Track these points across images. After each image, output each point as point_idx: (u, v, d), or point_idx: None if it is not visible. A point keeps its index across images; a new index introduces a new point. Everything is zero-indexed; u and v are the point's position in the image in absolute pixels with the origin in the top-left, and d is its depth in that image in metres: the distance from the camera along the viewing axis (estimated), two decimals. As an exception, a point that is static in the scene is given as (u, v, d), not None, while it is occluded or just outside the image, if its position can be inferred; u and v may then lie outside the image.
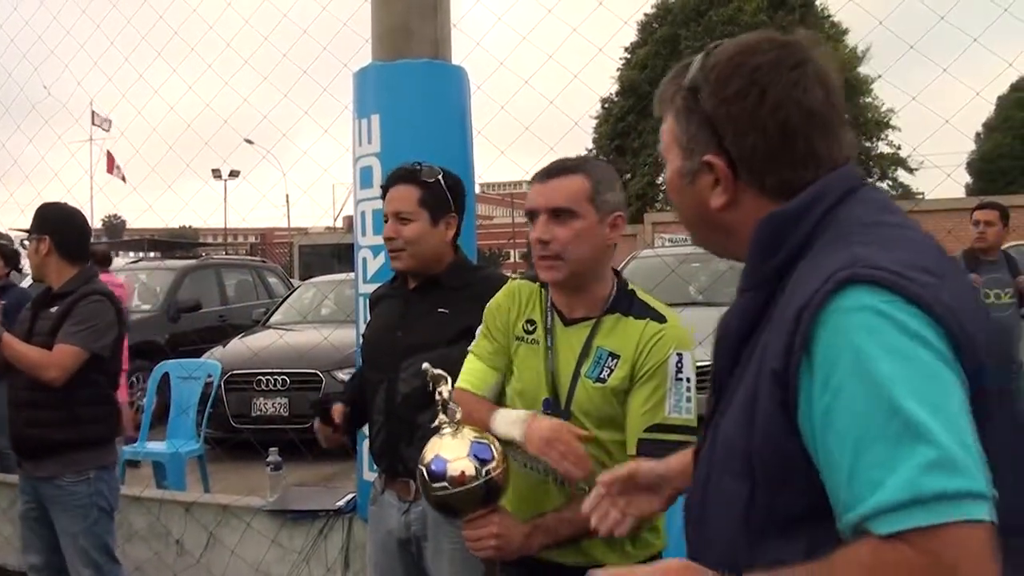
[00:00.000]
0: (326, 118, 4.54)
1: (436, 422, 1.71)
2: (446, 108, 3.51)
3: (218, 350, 7.90)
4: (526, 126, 4.10)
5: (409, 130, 3.39)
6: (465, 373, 2.02)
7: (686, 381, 1.81)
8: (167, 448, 5.64)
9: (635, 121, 32.76)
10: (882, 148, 34.60)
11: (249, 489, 4.66)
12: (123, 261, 14.22)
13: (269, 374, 7.20)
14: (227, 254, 20.57)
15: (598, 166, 1.93)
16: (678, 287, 6.67)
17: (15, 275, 6.28)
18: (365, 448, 3.40)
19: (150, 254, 18.72)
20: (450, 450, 1.65)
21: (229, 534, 4.17)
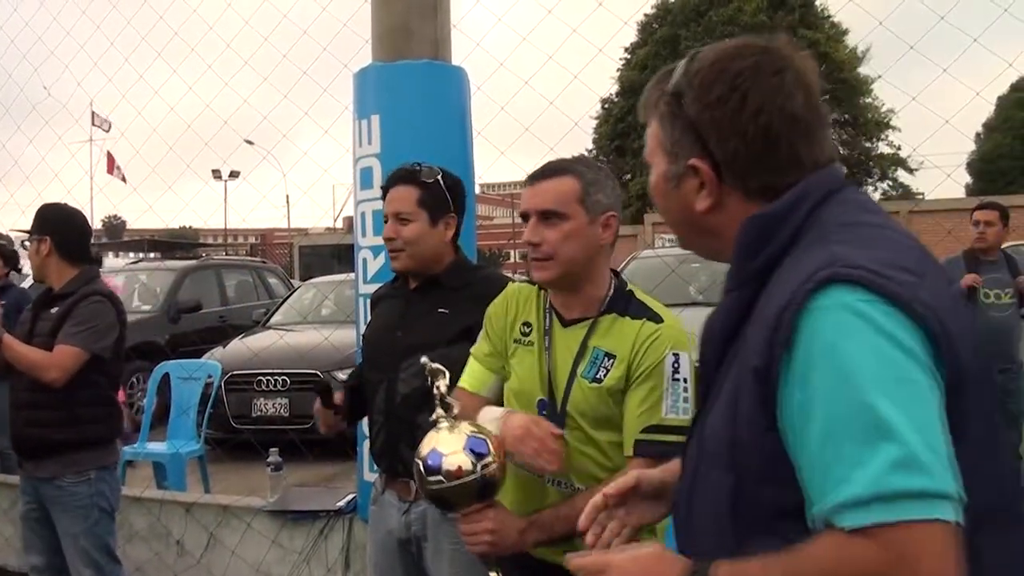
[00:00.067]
0: (326, 119, 4.54)
1: (433, 416, 1.71)
2: (446, 109, 3.51)
3: (218, 351, 7.90)
4: (526, 127, 4.11)
5: (409, 131, 3.39)
6: (465, 374, 2.05)
7: (683, 381, 1.80)
8: (167, 449, 5.64)
9: (635, 122, 32.61)
10: (882, 148, 34.72)
11: (249, 490, 4.66)
12: (123, 262, 14.23)
13: (269, 375, 7.20)
14: (227, 255, 20.57)
15: (590, 167, 1.93)
16: (678, 287, 6.66)
17: (15, 275, 6.27)
18: (365, 449, 3.41)
19: (150, 255, 18.72)
20: (446, 444, 1.66)
21: (229, 534, 4.17)
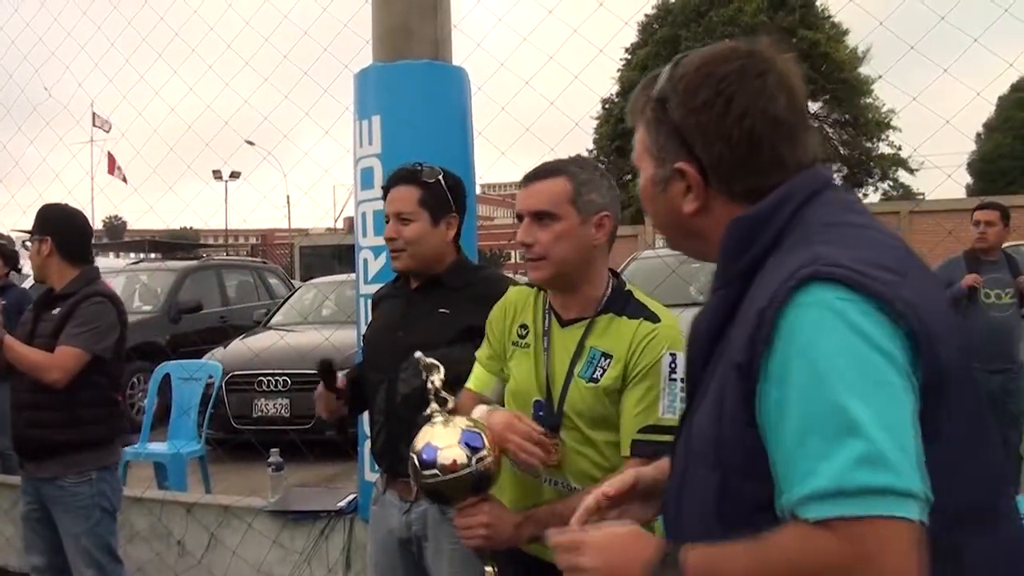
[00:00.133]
0: (327, 119, 4.54)
1: (428, 411, 1.72)
2: (447, 109, 3.51)
3: (219, 351, 7.90)
4: (527, 127, 4.11)
5: (410, 131, 3.39)
6: (471, 376, 2.08)
7: (680, 381, 1.80)
8: (168, 449, 5.64)
9: (635, 122, 32.68)
10: (883, 149, 34.62)
11: (250, 490, 4.66)
12: (124, 262, 14.24)
13: (270, 375, 7.21)
14: (228, 255, 20.59)
15: (584, 167, 1.94)
16: (679, 288, 6.66)
17: (14, 275, 6.27)
18: (366, 449, 3.41)
19: (151, 255, 18.73)
20: (441, 438, 1.66)
21: (230, 535, 4.18)
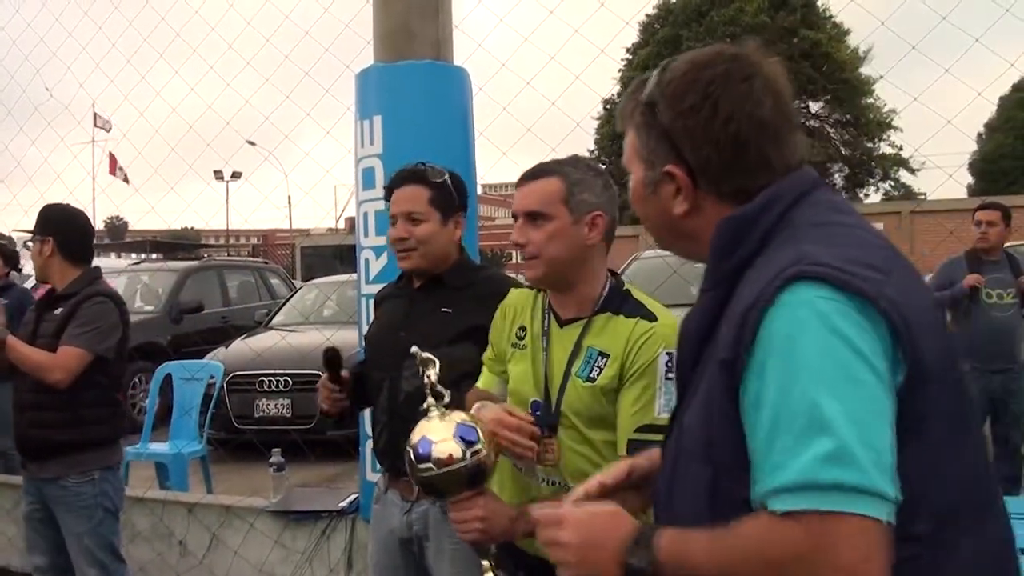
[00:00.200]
0: (328, 119, 4.54)
1: (424, 405, 1.72)
2: (448, 109, 3.51)
3: (220, 351, 7.91)
4: (528, 127, 4.10)
5: (411, 131, 3.40)
6: (480, 377, 2.12)
7: (676, 380, 1.81)
8: (170, 449, 5.65)
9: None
10: (884, 149, 34.62)
11: (252, 490, 4.67)
12: (125, 262, 14.25)
13: (272, 375, 7.21)
14: (229, 255, 20.60)
15: (579, 167, 1.94)
16: (680, 287, 6.65)
17: (15, 275, 6.28)
18: (368, 449, 3.41)
19: (152, 255, 18.74)
20: (436, 432, 1.67)
21: (232, 535, 4.18)
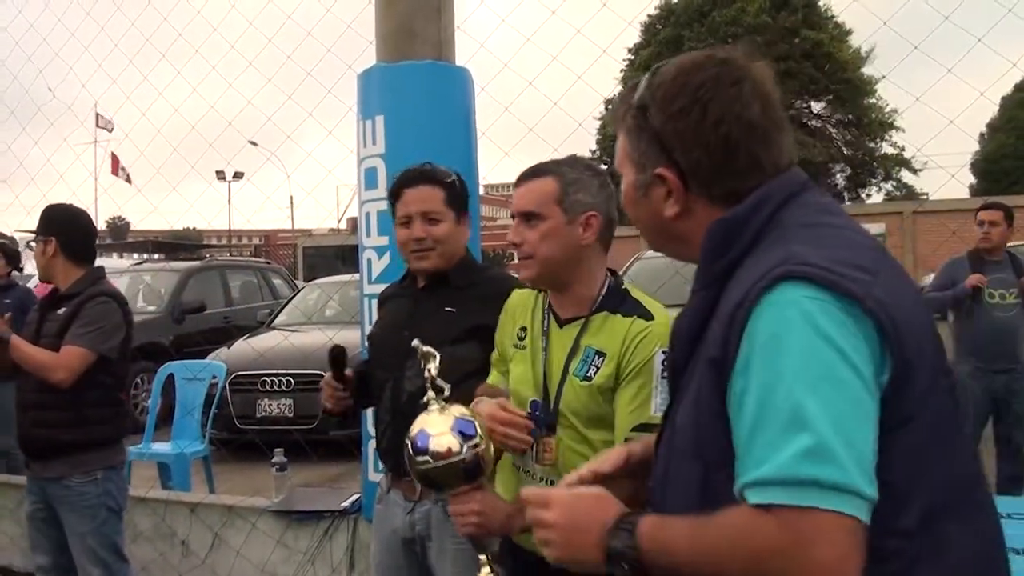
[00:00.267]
0: (330, 120, 4.53)
1: (424, 398, 1.73)
2: (450, 109, 3.51)
3: (223, 351, 7.92)
4: (530, 127, 4.10)
5: (413, 131, 3.40)
6: (489, 378, 2.13)
7: (668, 380, 1.81)
8: (172, 449, 5.66)
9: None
10: (886, 149, 34.61)
11: (254, 490, 4.67)
12: (127, 263, 14.26)
13: (274, 375, 7.22)
14: (231, 256, 20.61)
15: (576, 168, 1.95)
16: (682, 287, 6.63)
17: (16, 275, 6.29)
18: (370, 449, 3.41)
19: (154, 256, 18.75)
20: (435, 425, 1.68)
21: (234, 535, 4.18)
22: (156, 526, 4.39)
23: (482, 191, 4.25)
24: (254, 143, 9.21)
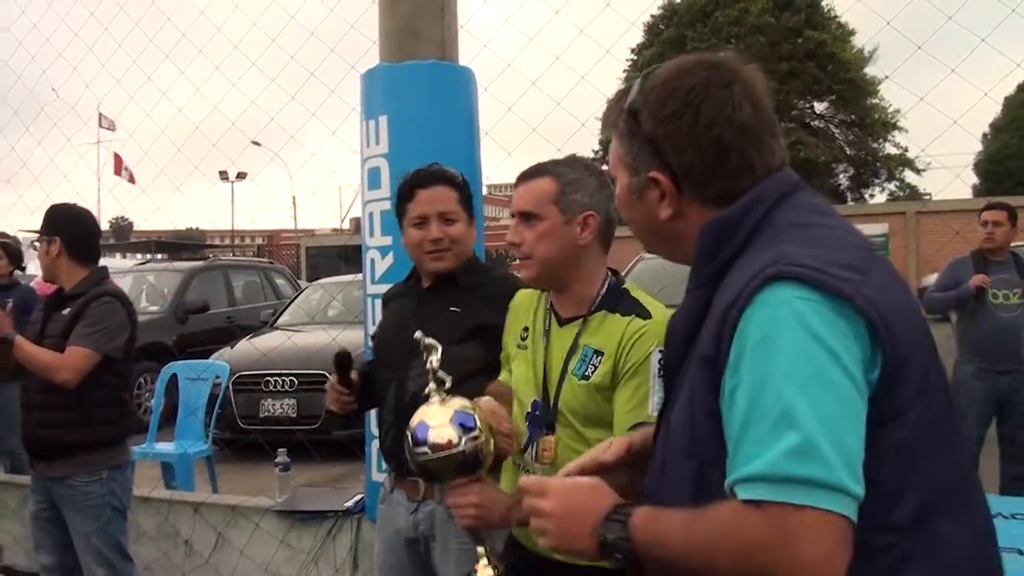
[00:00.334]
0: (333, 120, 4.54)
1: (426, 390, 1.73)
2: (453, 109, 3.52)
3: (226, 351, 7.92)
4: (533, 127, 4.10)
5: (417, 131, 3.40)
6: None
7: (664, 379, 1.82)
8: (176, 449, 5.67)
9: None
10: (889, 149, 34.50)
11: (258, 490, 4.68)
12: (131, 263, 14.28)
13: (277, 375, 7.23)
14: (234, 256, 20.63)
15: (575, 167, 1.95)
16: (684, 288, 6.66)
17: (19, 274, 6.30)
18: (374, 449, 3.42)
19: (157, 256, 18.77)
20: (434, 417, 1.68)
21: (238, 535, 4.19)
22: (160, 526, 4.40)
23: (485, 191, 4.25)
24: (257, 143, 9.23)
